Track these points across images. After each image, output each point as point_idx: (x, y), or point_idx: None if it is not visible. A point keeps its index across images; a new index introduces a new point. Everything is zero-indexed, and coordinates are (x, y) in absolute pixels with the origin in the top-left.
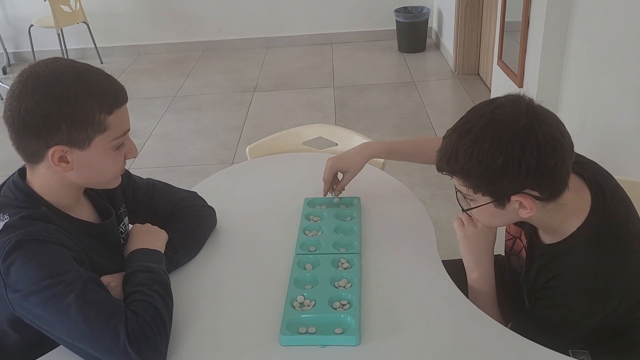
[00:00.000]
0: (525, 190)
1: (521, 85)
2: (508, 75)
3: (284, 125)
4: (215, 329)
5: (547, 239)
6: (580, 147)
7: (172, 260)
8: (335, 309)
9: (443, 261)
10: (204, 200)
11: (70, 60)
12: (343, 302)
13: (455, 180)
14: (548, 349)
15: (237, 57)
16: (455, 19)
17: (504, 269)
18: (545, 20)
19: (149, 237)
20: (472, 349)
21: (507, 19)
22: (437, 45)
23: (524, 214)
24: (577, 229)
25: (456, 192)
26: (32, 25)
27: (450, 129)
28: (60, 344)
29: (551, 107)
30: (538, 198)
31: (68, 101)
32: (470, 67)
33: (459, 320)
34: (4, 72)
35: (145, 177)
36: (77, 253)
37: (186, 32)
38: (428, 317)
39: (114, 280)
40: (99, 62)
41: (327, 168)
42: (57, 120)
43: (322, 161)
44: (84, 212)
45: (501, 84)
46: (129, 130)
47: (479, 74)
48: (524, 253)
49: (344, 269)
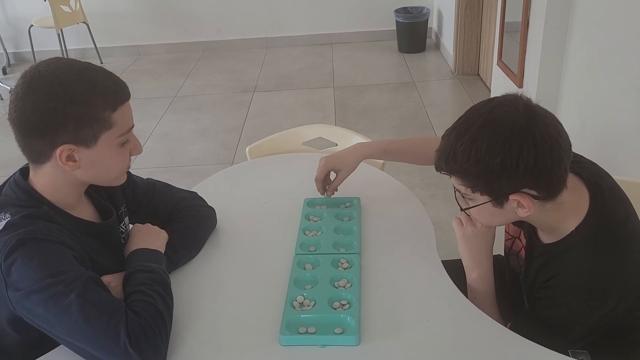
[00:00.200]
0: (523, 190)
1: (521, 86)
2: (508, 76)
3: (284, 125)
4: (215, 329)
5: (546, 238)
6: (580, 147)
7: (172, 260)
8: (335, 309)
9: (443, 261)
10: (204, 200)
11: (71, 59)
12: (343, 302)
13: (454, 180)
14: (547, 349)
15: (237, 57)
16: (455, 19)
17: (504, 269)
18: (545, 20)
19: (150, 237)
20: (471, 349)
21: (507, 19)
22: (437, 46)
23: (522, 213)
24: (575, 228)
25: (455, 191)
26: (32, 25)
27: (449, 128)
28: (61, 344)
29: (551, 107)
30: (536, 197)
31: (73, 100)
32: (470, 68)
33: (459, 320)
34: (4, 73)
35: (145, 177)
36: (78, 252)
37: (186, 32)
38: (428, 317)
39: (114, 280)
40: (99, 63)
41: (320, 167)
42: (63, 119)
43: None
44: (85, 211)
45: (501, 84)
46: (133, 127)
47: (478, 74)
48: (523, 253)
49: (344, 269)
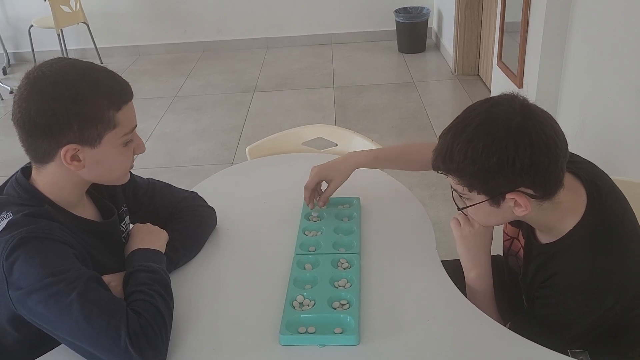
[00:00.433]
0: (520, 189)
1: (521, 86)
2: (508, 76)
3: (284, 125)
4: (215, 329)
5: (543, 238)
6: (580, 147)
7: (172, 260)
8: (335, 308)
9: (442, 261)
10: (204, 200)
11: (74, 59)
12: (342, 302)
13: (451, 179)
14: (547, 349)
15: (237, 57)
16: (455, 20)
17: (503, 269)
18: (545, 20)
19: (150, 237)
20: (471, 349)
21: (507, 20)
22: (437, 46)
23: (519, 213)
24: (572, 228)
25: (452, 191)
26: (32, 25)
27: (446, 128)
28: (61, 343)
29: (551, 107)
30: (533, 196)
31: (76, 100)
32: (470, 68)
33: (458, 320)
34: (4, 73)
35: (145, 177)
36: (80, 251)
37: (186, 32)
38: (427, 317)
39: (114, 280)
40: (99, 63)
41: (311, 175)
42: (68, 119)
43: (322, 161)
44: (86, 210)
45: (501, 85)
46: (136, 126)
47: (478, 75)
48: (521, 253)
49: (344, 269)
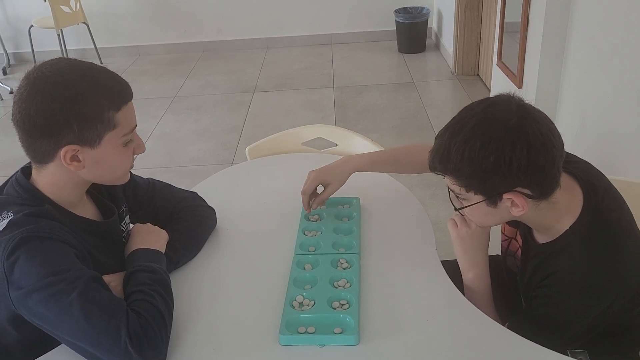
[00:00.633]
0: (517, 188)
1: (520, 86)
2: (507, 76)
3: (284, 125)
4: (215, 329)
5: (541, 238)
6: (580, 147)
7: (172, 261)
8: (335, 308)
9: (442, 261)
10: (204, 200)
11: (74, 59)
12: (342, 302)
13: (448, 180)
14: (547, 349)
15: (236, 57)
16: (455, 20)
17: (502, 270)
18: (545, 20)
19: (150, 237)
20: (471, 349)
21: (507, 20)
22: (437, 46)
23: (516, 212)
24: (569, 227)
25: (449, 191)
26: (32, 25)
27: (443, 128)
28: (61, 344)
29: (551, 107)
30: (529, 196)
31: (76, 100)
32: (469, 68)
33: (458, 320)
34: (4, 73)
35: (145, 177)
36: (80, 251)
37: (186, 32)
38: (427, 317)
39: (114, 280)
40: (99, 63)
41: (309, 180)
42: (67, 120)
43: (322, 161)
44: (86, 210)
45: (501, 85)
46: (136, 126)
47: (478, 75)
48: (519, 253)
49: (343, 269)
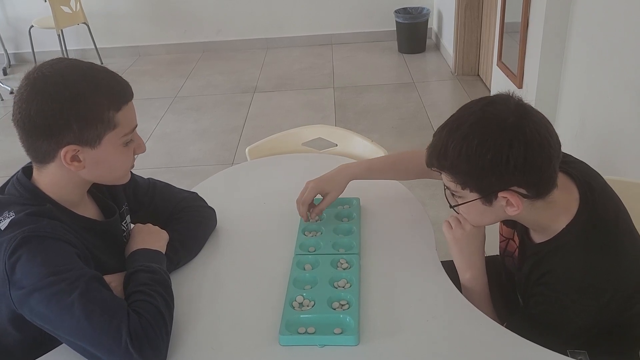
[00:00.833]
0: (513, 188)
1: (521, 86)
2: (508, 76)
3: (284, 126)
4: (215, 329)
5: (537, 238)
6: (580, 147)
7: (172, 261)
8: (335, 309)
9: (442, 261)
10: (205, 200)
11: (74, 59)
12: (342, 302)
13: (444, 177)
14: (546, 349)
15: (237, 57)
16: (455, 20)
17: (500, 270)
18: (545, 20)
19: (151, 238)
20: (470, 349)
21: (507, 20)
22: (437, 46)
23: (511, 212)
24: (565, 226)
25: (445, 189)
26: (32, 26)
27: (441, 125)
28: (62, 343)
29: (550, 107)
30: (525, 196)
31: (77, 100)
32: (470, 68)
33: (458, 320)
34: (4, 73)
35: (146, 177)
36: (82, 250)
37: (186, 32)
38: (427, 317)
39: (114, 280)
40: (99, 63)
41: (307, 190)
42: (68, 120)
43: (322, 162)
44: (87, 209)
45: (501, 85)
46: (136, 126)
47: (478, 75)
48: (517, 254)
49: (343, 269)
